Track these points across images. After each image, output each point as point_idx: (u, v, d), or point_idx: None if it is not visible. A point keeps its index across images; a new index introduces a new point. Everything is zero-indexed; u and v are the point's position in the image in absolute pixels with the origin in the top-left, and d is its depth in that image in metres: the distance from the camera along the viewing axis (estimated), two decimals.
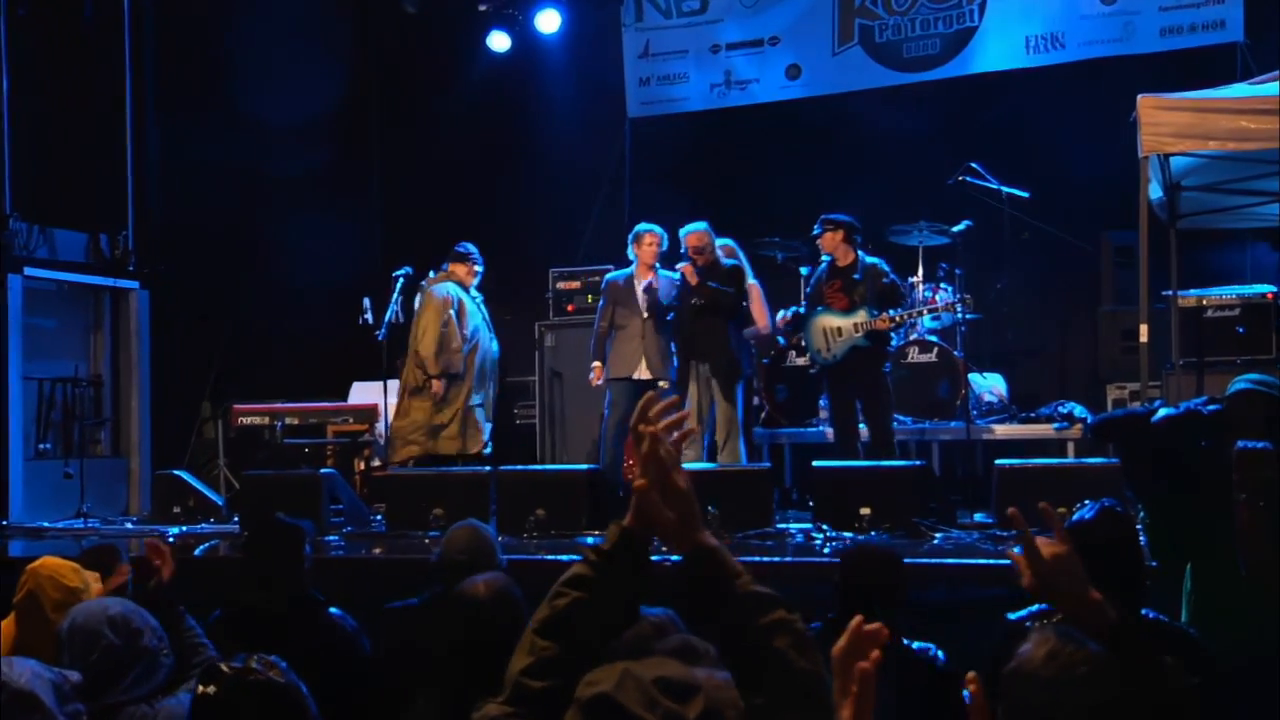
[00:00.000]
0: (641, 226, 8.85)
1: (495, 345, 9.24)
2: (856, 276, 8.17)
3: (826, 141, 10.93)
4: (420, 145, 11.91)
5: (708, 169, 11.19)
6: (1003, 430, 9.08)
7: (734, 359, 8.36)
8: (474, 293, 9.15)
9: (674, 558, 2.21)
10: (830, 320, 8.18)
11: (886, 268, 8.27)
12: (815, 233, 8.29)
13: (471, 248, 9.15)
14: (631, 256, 8.81)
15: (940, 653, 4.02)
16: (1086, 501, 3.86)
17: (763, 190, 10.92)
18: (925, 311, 8.28)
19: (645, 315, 8.58)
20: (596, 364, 8.76)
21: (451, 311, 8.88)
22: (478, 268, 9.12)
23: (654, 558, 2.22)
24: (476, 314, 9.06)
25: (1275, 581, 3.69)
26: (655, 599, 2.39)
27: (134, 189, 11.22)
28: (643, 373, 8.60)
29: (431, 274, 9.15)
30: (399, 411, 9.07)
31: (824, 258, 8.34)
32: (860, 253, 8.31)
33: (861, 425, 8.33)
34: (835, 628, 3.76)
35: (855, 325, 8.08)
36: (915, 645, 3.97)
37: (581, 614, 2.13)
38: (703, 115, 11.54)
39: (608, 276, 9.03)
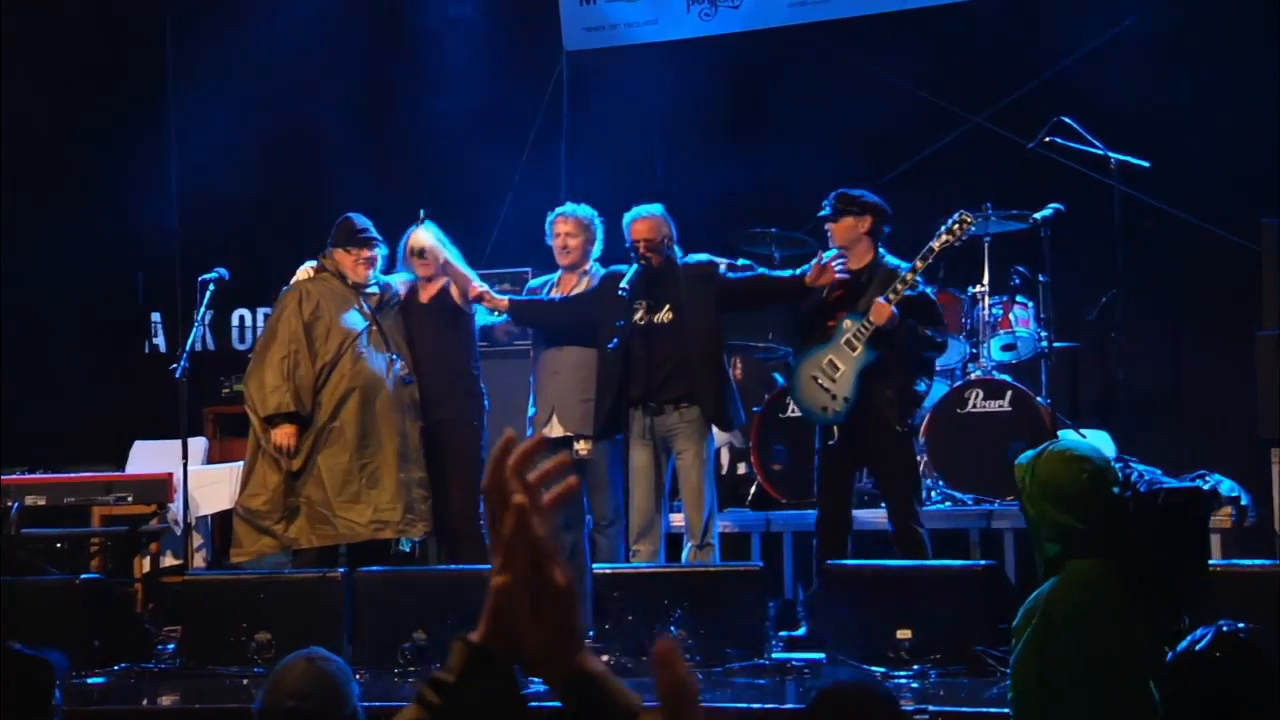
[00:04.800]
0: (558, 210, 8.87)
1: (401, 368, 8.67)
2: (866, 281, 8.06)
3: (853, 84, 10.95)
4: (241, 87, 11.84)
5: (678, 128, 11.24)
6: None
7: (731, 402, 8.42)
8: (380, 288, 8.78)
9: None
10: (818, 358, 8.06)
11: (919, 276, 8.01)
12: (825, 213, 8.21)
13: (361, 220, 8.73)
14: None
15: None
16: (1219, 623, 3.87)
17: (757, 161, 10.94)
18: (911, 283, 7.96)
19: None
20: None
21: (299, 320, 8.52)
22: (369, 252, 8.67)
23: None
24: (361, 322, 8.60)
25: None
26: None
27: None
28: (554, 428, 8.57)
29: (308, 264, 8.80)
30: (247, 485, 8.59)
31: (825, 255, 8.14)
32: (881, 250, 8.21)
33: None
34: None
35: (849, 341, 7.93)
36: None
37: None
38: (673, 48, 11.51)
39: (531, 284, 9.16)
